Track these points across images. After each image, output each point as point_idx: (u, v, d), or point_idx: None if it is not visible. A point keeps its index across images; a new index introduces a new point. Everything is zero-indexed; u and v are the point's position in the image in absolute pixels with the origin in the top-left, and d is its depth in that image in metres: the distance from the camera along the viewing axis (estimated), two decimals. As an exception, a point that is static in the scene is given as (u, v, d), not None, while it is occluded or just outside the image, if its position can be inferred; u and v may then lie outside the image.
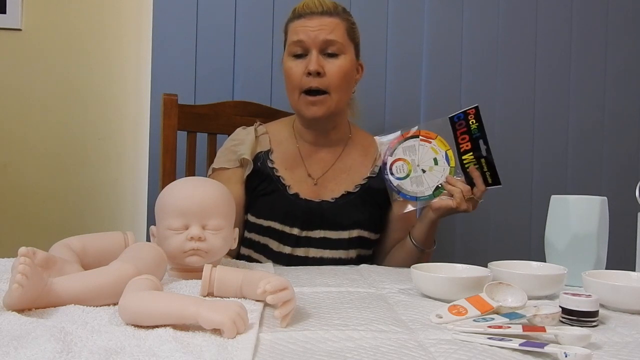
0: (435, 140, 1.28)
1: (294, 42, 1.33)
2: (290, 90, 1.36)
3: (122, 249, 0.90)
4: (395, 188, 1.30)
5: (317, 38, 1.31)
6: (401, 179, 1.29)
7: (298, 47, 1.33)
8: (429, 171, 1.28)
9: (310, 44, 1.32)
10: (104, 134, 1.82)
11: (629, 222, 1.24)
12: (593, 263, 1.08)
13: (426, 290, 0.93)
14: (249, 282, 0.83)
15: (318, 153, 1.42)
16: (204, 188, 0.97)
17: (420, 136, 1.29)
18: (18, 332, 0.64)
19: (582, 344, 0.67)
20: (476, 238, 1.88)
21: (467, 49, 1.88)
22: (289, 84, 1.36)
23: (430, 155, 1.28)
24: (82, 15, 1.80)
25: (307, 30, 1.32)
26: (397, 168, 1.29)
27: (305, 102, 1.33)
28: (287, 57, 1.36)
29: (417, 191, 1.29)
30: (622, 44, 1.94)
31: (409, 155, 1.29)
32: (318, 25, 1.32)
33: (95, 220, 1.81)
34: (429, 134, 1.29)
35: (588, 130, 1.93)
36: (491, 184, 1.28)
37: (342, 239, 1.37)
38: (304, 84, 1.32)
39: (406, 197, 1.30)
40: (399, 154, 1.30)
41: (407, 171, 1.29)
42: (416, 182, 1.29)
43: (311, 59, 1.31)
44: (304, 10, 1.34)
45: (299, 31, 1.33)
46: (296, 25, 1.34)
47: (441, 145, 1.28)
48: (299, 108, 1.36)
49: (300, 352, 0.64)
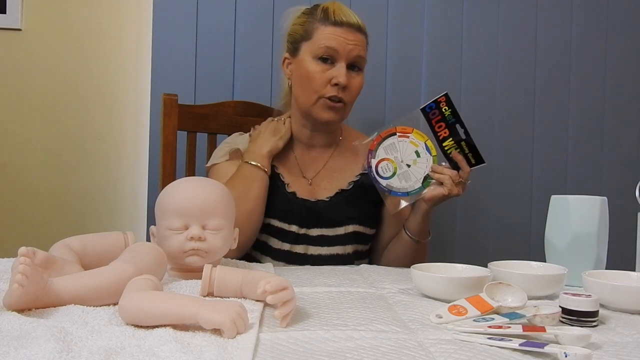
0: (412, 133, 1.30)
1: (327, 47, 1.31)
2: (309, 92, 1.34)
3: (122, 249, 0.90)
4: (385, 188, 1.31)
5: (351, 52, 1.32)
6: (388, 178, 1.30)
7: (329, 53, 1.32)
8: (413, 165, 1.29)
9: (342, 56, 1.32)
10: (104, 134, 1.82)
11: (629, 222, 1.24)
12: (593, 263, 1.08)
13: (426, 290, 0.93)
14: (249, 282, 0.83)
15: (311, 153, 1.44)
16: (204, 188, 0.97)
17: (398, 132, 1.30)
18: (18, 332, 0.64)
19: (582, 344, 0.67)
20: (476, 238, 1.89)
21: (467, 49, 1.88)
22: (308, 86, 1.34)
23: (411, 149, 1.29)
24: (82, 15, 1.80)
25: (342, 42, 1.31)
26: (382, 169, 1.30)
27: (325, 106, 1.34)
28: (309, 57, 1.34)
29: (407, 186, 1.30)
30: (622, 44, 1.94)
31: (391, 154, 1.30)
32: (353, 39, 1.32)
33: (95, 220, 1.81)
34: (405, 129, 1.30)
35: (588, 130, 1.93)
36: (475, 164, 1.30)
37: (339, 235, 1.38)
38: (327, 92, 1.33)
39: (397, 194, 1.31)
40: (381, 155, 1.30)
41: (393, 169, 1.30)
42: (404, 178, 1.30)
43: (340, 71, 1.31)
44: (342, 20, 1.32)
45: (333, 39, 1.31)
46: (331, 32, 1.32)
47: (419, 137, 1.30)
48: (314, 110, 1.35)
49: (300, 352, 0.64)
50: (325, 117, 1.35)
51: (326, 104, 1.34)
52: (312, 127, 1.41)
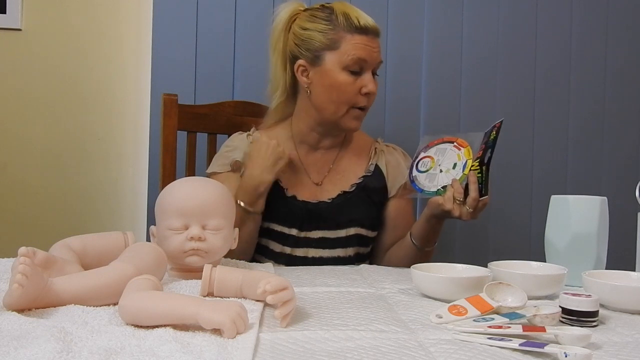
0: (465, 149, 1.31)
1: (358, 58, 1.30)
2: (339, 103, 1.32)
3: (122, 249, 0.90)
4: (412, 177, 1.34)
5: (376, 60, 1.34)
6: (421, 172, 1.33)
7: (360, 64, 1.31)
8: (445, 172, 1.30)
9: (370, 65, 1.32)
10: (104, 134, 1.82)
11: (629, 222, 1.24)
12: (593, 263, 1.08)
13: (426, 290, 0.93)
14: (249, 282, 0.83)
15: (315, 155, 1.43)
16: (204, 188, 0.97)
17: (455, 142, 1.32)
18: (18, 332, 0.64)
19: (582, 344, 0.67)
20: (476, 238, 1.89)
21: (467, 49, 1.88)
22: (338, 97, 1.32)
23: (453, 160, 1.31)
24: (82, 15, 1.80)
25: (370, 51, 1.31)
26: (423, 163, 1.34)
27: (354, 116, 1.35)
28: (338, 68, 1.31)
29: (427, 186, 1.32)
30: (622, 44, 1.94)
31: (438, 155, 1.33)
32: (377, 47, 1.33)
33: (95, 220, 1.81)
34: (462, 142, 1.32)
35: (588, 130, 1.93)
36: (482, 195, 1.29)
37: (340, 238, 1.38)
38: (359, 101, 1.33)
39: (415, 187, 1.33)
40: (431, 153, 1.34)
41: (429, 167, 1.32)
42: (429, 179, 1.31)
43: (370, 79, 1.32)
44: (367, 29, 1.31)
45: (362, 48, 1.30)
46: (359, 41, 1.30)
47: (466, 154, 1.31)
48: (343, 120, 1.35)
49: (300, 352, 0.64)
50: (354, 125, 1.36)
51: (356, 114, 1.34)
52: (326, 132, 1.40)
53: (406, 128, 1.84)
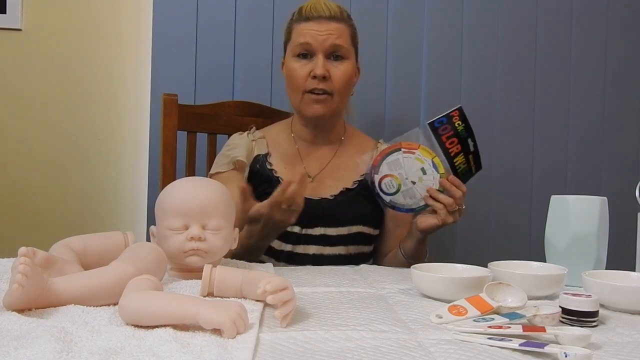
0: (419, 150, 1.25)
1: (300, 44, 1.35)
2: (294, 90, 1.37)
3: (122, 249, 0.90)
4: (389, 204, 1.28)
5: (325, 43, 1.34)
6: (392, 194, 1.27)
7: (304, 49, 1.35)
8: (419, 182, 1.26)
9: (317, 48, 1.34)
10: (103, 134, 1.82)
11: (629, 222, 1.24)
12: (593, 263, 1.08)
13: (426, 290, 0.93)
14: (249, 282, 0.83)
15: (316, 151, 1.44)
16: (204, 188, 0.97)
17: (402, 148, 1.26)
18: (18, 332, 0.64)
19: (582, 344, 0.67)
20: (476, 238, 1.88)
21: (467, 49, 1.88)
22: (292, 84, 1.37)
23: (416, 166, 1.25)
24: (82, 15, 1.80)
25: (315, 34, 1.34)
26: (386, 185, 1.27)
27: (309, 101, 1.35)
28: (290, 57, 1.38)
29: (412, 203, 1.27)
30: (622, 44, 1.94)
31: (395, 170, 1.26)
32: (326, 30, 1.34)
33: (95, 220, 1.81)
34: (410, 145, 1.26)
35: (588, 130, 1.93)
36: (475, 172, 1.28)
37: (342, 235, 1.38)
38: (309, 85, 1.35)
39: (402, 210, 1.29)
40: (384, 171, 1.27)
41: (397, 186, 1.26)
42: (408, 195, 1.27)
43: (317, 63, 1.33)
44: (311, 14, 1.35)
45: (306, 34, 1.34)
46: (303, 28, 1.35)
47: (426, 154, 1.25)
48: (301, 107, 1.37)
49: (300, 352, 0.64)
50: (312, 111, 1.36)
51: (311, 99, 1.35)
52: (308, 124, 1.43)
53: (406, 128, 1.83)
